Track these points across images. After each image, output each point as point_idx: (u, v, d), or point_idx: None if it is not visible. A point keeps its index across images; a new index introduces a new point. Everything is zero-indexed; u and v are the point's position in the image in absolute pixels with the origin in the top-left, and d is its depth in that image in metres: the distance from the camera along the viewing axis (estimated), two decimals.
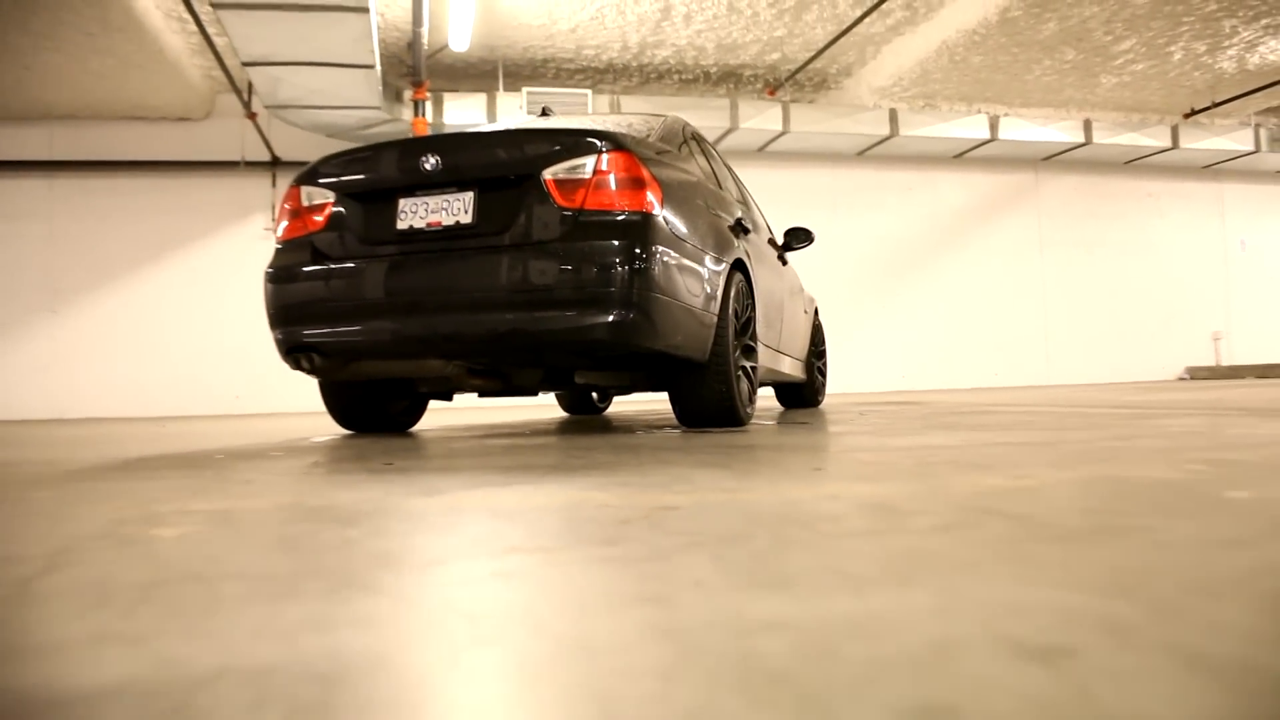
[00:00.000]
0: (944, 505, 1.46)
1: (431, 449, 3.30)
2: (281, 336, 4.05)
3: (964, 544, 1.14)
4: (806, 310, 6.83)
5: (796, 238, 6.17)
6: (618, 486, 1.83)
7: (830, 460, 2.43)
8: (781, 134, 11.93)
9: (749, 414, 4.33)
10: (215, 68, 10.41)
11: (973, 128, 12.40)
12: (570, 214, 3.57)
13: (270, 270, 4.10)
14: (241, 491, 1.99)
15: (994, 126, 12.46)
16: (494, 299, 3.57)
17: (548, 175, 3.62)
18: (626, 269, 3.49)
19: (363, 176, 3.94)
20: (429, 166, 3.76)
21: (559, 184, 3.61)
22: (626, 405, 9.03)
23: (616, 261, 3.49)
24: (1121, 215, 14.32)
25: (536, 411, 8.09)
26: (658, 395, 5.85)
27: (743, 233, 4.67)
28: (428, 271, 3.73)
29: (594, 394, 7.45)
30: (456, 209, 3.74)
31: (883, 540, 1.18)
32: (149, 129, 11.85)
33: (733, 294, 4.20)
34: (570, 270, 3.51)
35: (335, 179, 3.98)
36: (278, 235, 4.19)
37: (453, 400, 4.97)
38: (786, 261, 6.10)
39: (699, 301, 3.87)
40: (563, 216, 3.57)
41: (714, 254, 4.10)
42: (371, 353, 3.87)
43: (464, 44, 9.96)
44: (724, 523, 1.34)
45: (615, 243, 3.51)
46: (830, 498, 1.60)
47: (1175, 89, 11.82)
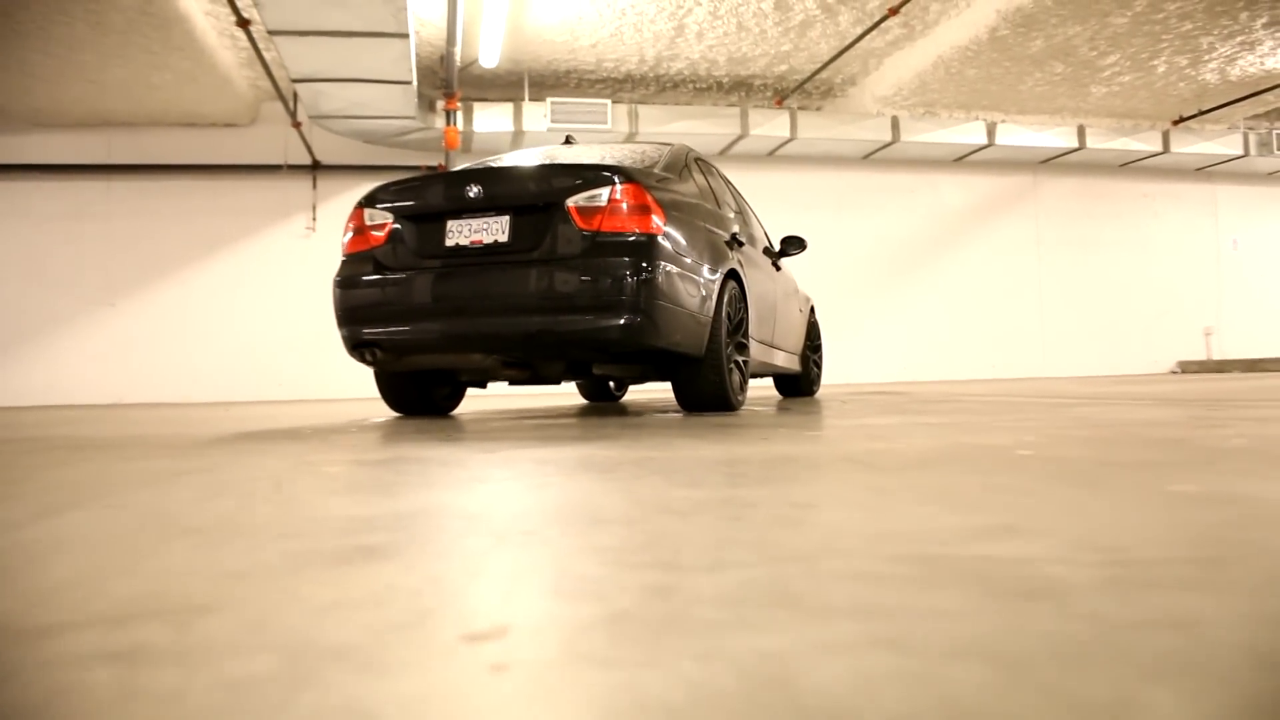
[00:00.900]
0: (824, 457, 2.26)
1: (476, 427, 4.12)
2: (347, 334, 4.86)
3: (817, 473, 1.94)
4: (801, 309, 7.59)
5: (791, 245, 6.92)
6: (619, 447, 2.65)
7: (779, 432, 3.22)
8: (789, 140, 12.70)
9: (740, 401, 5.12)
10: (262, 78, 11.27)
11: (971, 134, 13.13)
12: (589, 235, 4.38)
13: (338, 278, 4.91)
14: (355, 449, 2.81)
15: (991, 133, 13.18)
16: (526, 304, 4.38)
17: (571, 203, 4.42)
18: (635, 280, 4.29)
19: (417, 202, 4.76)
20: (473, 194, 4.57)
21: (580, 210, 4.41)
22: (639, 394, 9.85)
23: (627, 274, 4.29)
24: (1117, 215, 14.99)
25: (559, 399, 8.91)
26: (665, 385, 6.66)
27: (737, 245, 5.46)
28: (471, 281, 4.53)
29: (611, 383, 8.27)
30: (495, 230, 4.54)
31: (769, 470, 1.99)
32: (199, 135, 12.73)
33: (725, 299, 4.98)
34: (589, 281, 4.32)
35: (393, 203, 4.80)
36: (344, 248, 5.00)
37: (486, 387, 5.79)
38: (780, 267, 6.85)
39: (696, 306, 4.66)
40: (583, 237, 4.38)
41: (709, 265, 4.89)
42: (423, 348, 4.69)
43: (493, 60, 10.78)
44: (679, 464, 2.15)
45: (626, 259, 4.31)
46: (759, 452, 2.40)
47: (1163, 98, 12.49)
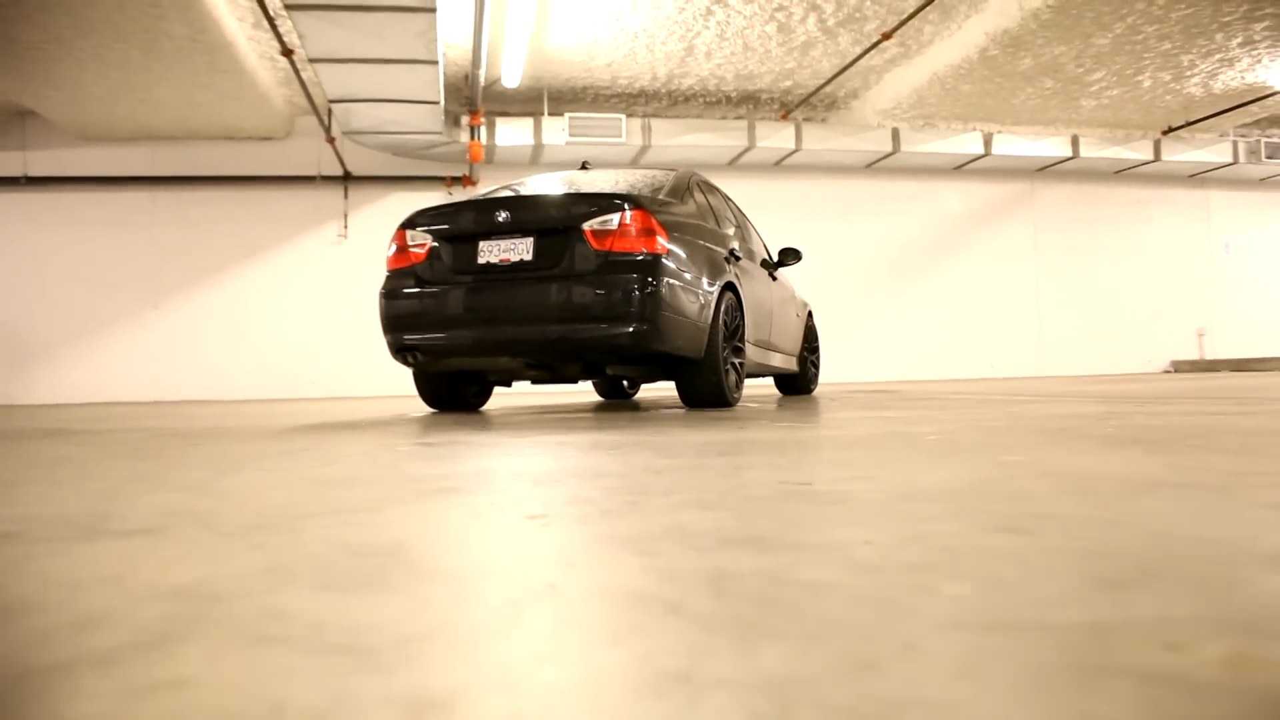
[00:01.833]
0: (777, 440, 2.96)
1: (505, 419, 4.85)
2: (392, 339, 5.58)
3: (763, 450, 2.64)
4: (798, 315, 8.27)
5: (788, 256, 7.59)
6: (623, 434, 3.36)
7: (756, 424, 3.92)
8: (794, 151, 13.39)
9: (736, 398, 5.81)
10: (298, 95, 12.05)
11: (968, 144, 13.77)
12: (602, 254, 5.09)
13: (383, 291, 5.63)
14: (412, 435, 3.53)
15: (988, 143, 13.82)
16: (548, 314, 5.10)
17: (586, 226, 5.13)
18: (642, 293, 4.99)
19: (453, 225, 5.48)
20: (501, 219, 5.28)
21: (594, 233, 5.12)
22: (651, 391, 10.56)
23: (635, 288, 4.99)
24: (1112, 220, 15.59)
25: (577, 397, 9.63)
26: (672, 383, 7.37)
27: (734, 260, 6.15)
28: (500, 294, 5.25)
29: (624, 382, 8.99)
30: (521, 250, 5.26)
31: (730, 449, 2.69)
32: (237, 147, 13.52)
33: (722, 308, 5.67)
34: (602, 294, 5.02)
35: (432, 226, 5.53)
36: (387, 264, 5.72)
37: (511, 386, 6.52)
38: (777, 277, 7.53)
39: (695, 314, 5.36)
40: (597, 256, 5.09)
41: (708, 279, 5.59)
42: (458, 352, 5.40)
43: (515, 80, 11.53)
44: (666, 445, 2.85)
45: (634, 275, 5.01)
46: (730, 438, 3.10)
47: (1151, 109, 13.09)
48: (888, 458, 2.38)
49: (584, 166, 6.78)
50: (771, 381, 8.67)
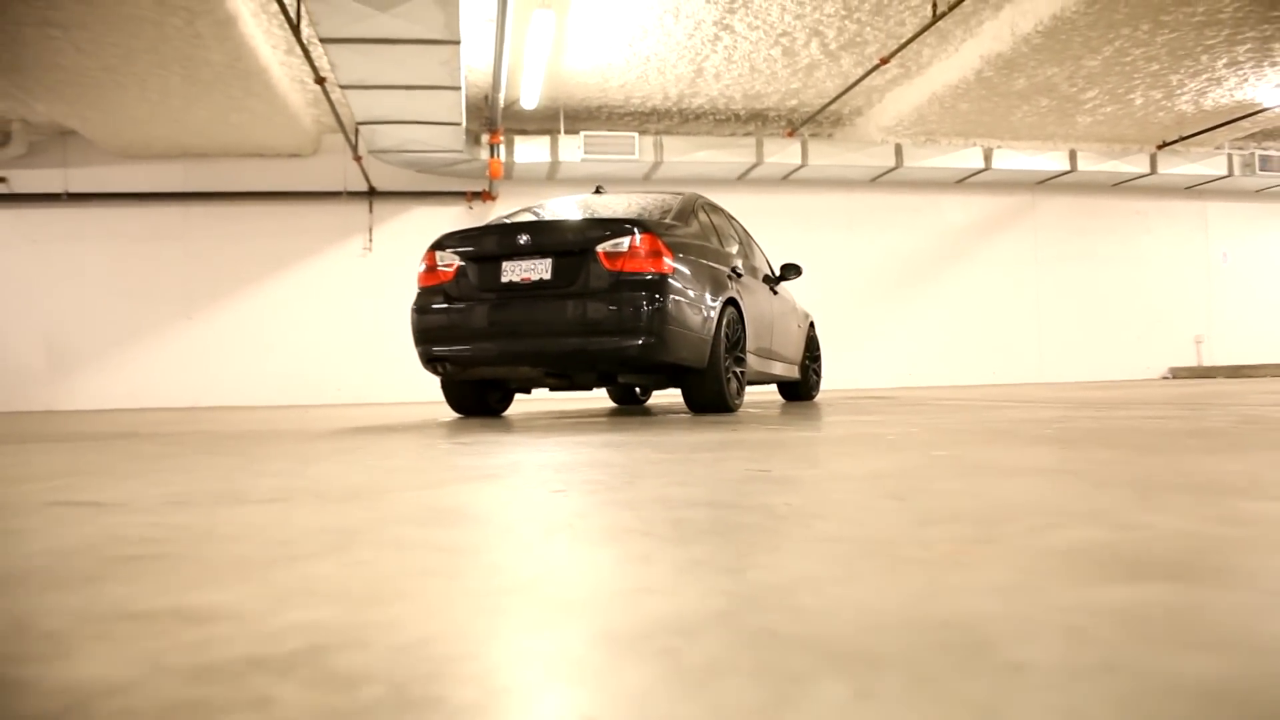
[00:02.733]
0: (760, 440, 3.50)
1: (526, 423, 5.40)
2: (422, 350, 6.13)
3: (745, 447, 3.17)
4: (800, 326, 8.79)
5: (789, 271, 8.11)
6: (630, 435, 3.90)
7: (748, 427, 4.45)
8: (801, 166, 13.93)
9: (738, 404, 6.34)
10: (326, 114, 12.66)
11: (969, 159, 14.28)
12: (614, 274, 5.63)
13: (415, 306, 6.19)
14: (448, 436, 4.08)
15: (988, 157, 14.32)
16: (565, 328, 5.64)
17: (600, 249, 5.68)
18: (650, 309, 5.53)
19: (479, 247, 6.04)
20: (523, 242, 5.83)
21: (607, 254, 5.67)
22: (662, 398, 11.08)
23: (644, 305, 5.53)
24: (1112, 231, 16.05)
25: (592, 403, 10.17)
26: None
27: (736, 277, 6.69)
28: (521, 310, 5.80)
29: (637, 389, 9.53)
30: (540, 269, 5.81)
31: (718, 446, 3.22)
32: (267, 164, 14.16)
33: (724, 322, 6.20)
34: (614, 310, 5.57)
35: (459, 247, 6.08)
36: (419, 281, 6.28)
37: (531, 393, 7.07)
38: (778, 291, 8.05)
39: (699, 328, 5.89)
40: (609, 275, 5.63)
41: (711, 295, 6.12)
42: (483, 362, 5.96)
43: (533, 102, 12.13)
44: (665, 444, 3.39)
45: (643, 293, 5.55)
46: (722, 438, 3.64)
47: (1146, 125, 13.57)
48: (841, 452, 2.92)
49: (598, 190, 7.33)
50: (776, 388, 9.20)
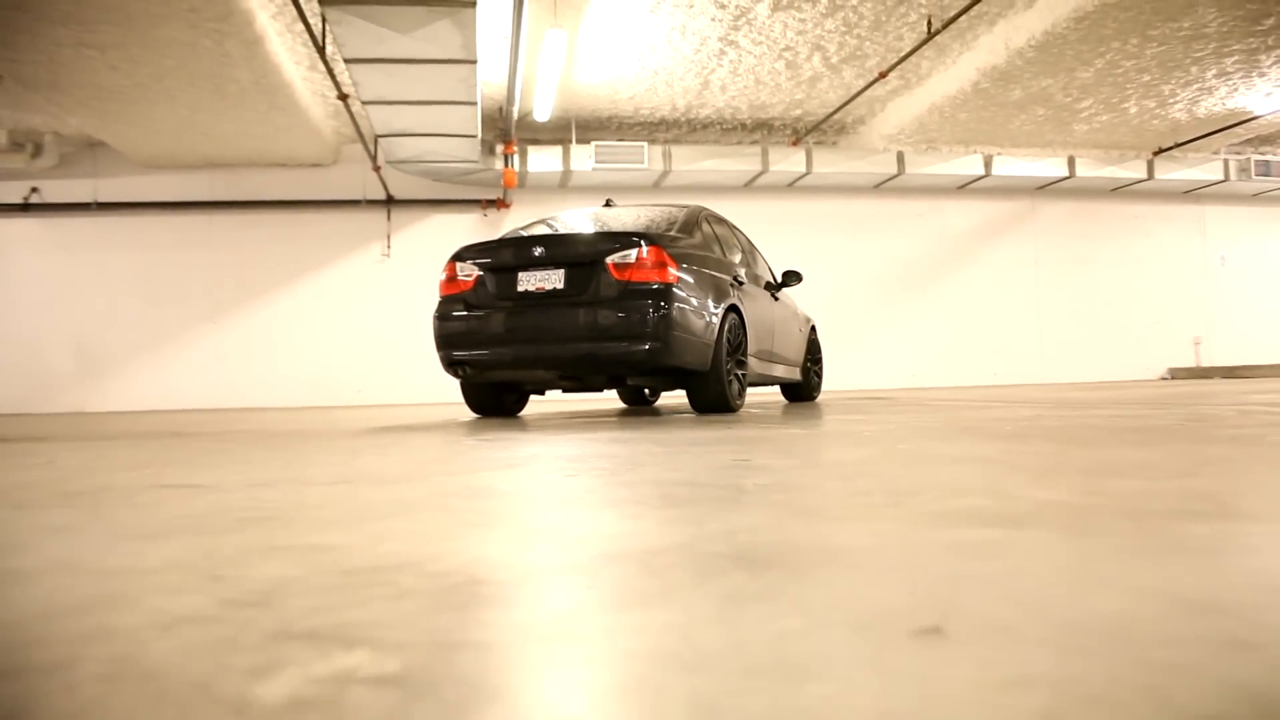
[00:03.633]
0: (750, 436, 3.92)
1: (541, 423, 5.84)
2: (444, 355, 6.58)
3: (734, 442, 3.60)
4: (801, 330, 9.20)
5: (790, 278, 8.52)
6: (635, 432, 4.33)
7: (744, 425, 4.87)
8: (806, 174, 14.35)
9: (739, 404, 6.76)
10: (346, 126, 13.15)
11: (970, 166, 14.67)
12: (622, 283, 6.06)
13: (437, 314, 6.63)
14: (471, 434, 4.52)
15: (988, 164, 14.71)
16: (576, 334, 6.08)
17: (609, 260, 6.11)
18: (656, 316, 5.96)
19: (496, 259, 6.48)
20: (537, 254, 6.27)
21: (616, 266, 6.10)
22: (671, 399, 11.51)
23: (650, 312, 5.96)
24: (1111, 235, 16.41)
25: (603, 404, 10.61)
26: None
27: (738, 285, 7.11)
28: (536, 317, 6.24)
29: (646, 390, 9.97)
30: (554, 279, 6.25)
31: (711, 441, 3.65)
32: (288, 174, 14.65)
33: (726, 327, 6.62)
34: (622, 318, 6.00)
35: (478, 259, 6.53)
36: (440, 290, 6.72)
37: (545, 394, 7.51)
38: (779, 297, 8.46)
39: (702, 333, 6.31)
40: (618, 285, 6.06)
41: (713, 302, 6.54)
42: (500, 366, 6.40)
43: (546, 115, 12.59)
44: (665, 439, 3.82)
45: (649, 301, 5.98)
46: (717, 434, 4.06)
47: (1141, 132, 13.93)
48: (817, 446, 3.34)
49: (608, 203, 7.76)
50: (779, 389, 9.62)
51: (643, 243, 6.10)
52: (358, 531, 1.56)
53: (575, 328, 6.09)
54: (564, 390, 7.08)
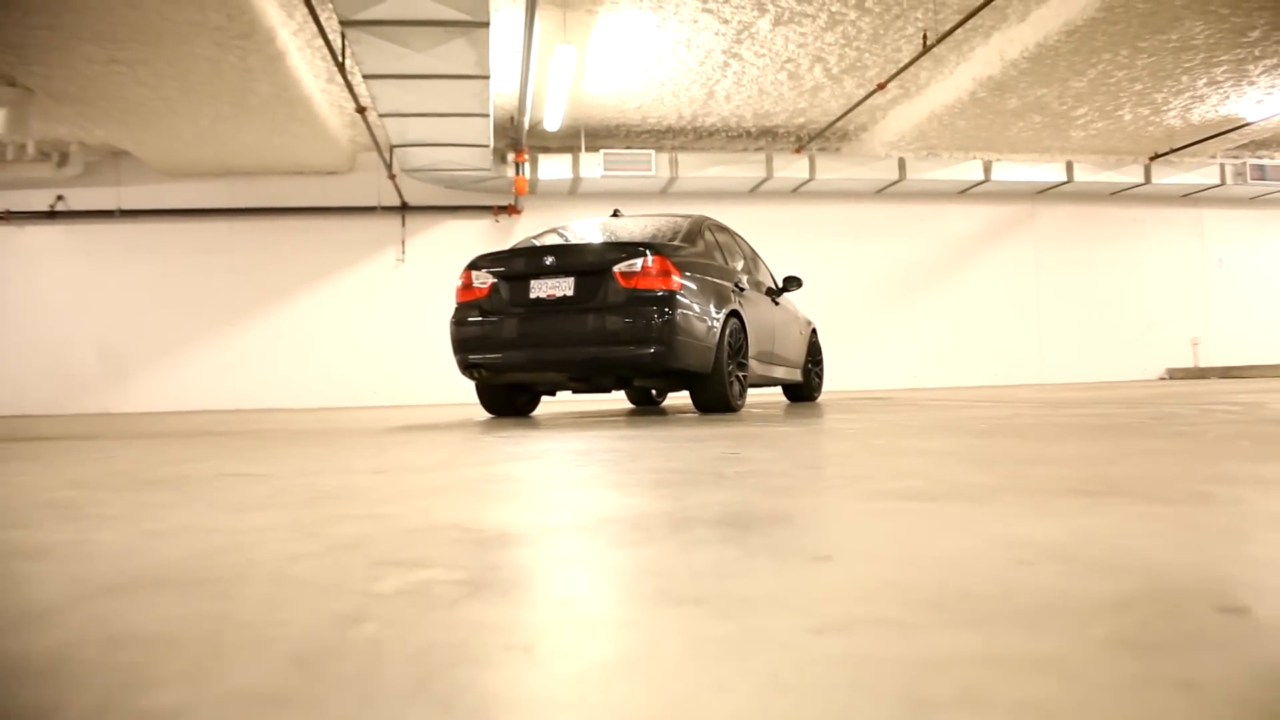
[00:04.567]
0: (741, 433, 4.30)
1: (552, 422, 6.22)
2: (460, 358, 6.97)
3: (726, 439, 3.97)
4: (802, 332, 9.56)
5: (791, 283, 8.89)
6: (640, 430, 4.71)
7: (740, 424, 5.24)
8: (809, 180, 14.74)
9: (740, 405, 7.13)
10: (362, 135, 13.57)
11: (970, 171, 15.03)
12: (629, 291, 6.44)
13: (454, 320, 7.02)
14: (488, 432, 4.91)
15: (988, 170, 15.07)
16: (585, 339, 6.47)
17: (616, 269, 6.50)
18: (660, 322, 6.34)
19: (510, 267, 6.87)
20: (548, 262, 6.66)
21: (623, 274, 6.49)
22: (676, 400, 11.90)
23: (655, 318, 6.34)
24: (1110, 238, 16.74)
25: (611, 405, 10.99)
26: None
27: (740, 291, 7.49)
28: (547, 323, 6.63)
29: (653, 391, 10.36)
30: (564, 287, 6.63)
31: (706, 438, 4.02)
32: (305, 181, 15.09)
33: (727, 331, 6.99)
34: (629, 323, 6.38)
35: (492, 267, 6.92)
36: (456, 296, 7.11)
37: (555, 395, 7.90)
38: (780, 302, 8.83)
39: (704, 337, 6.69)
40: (625, 292, 6.44)
41: (715, 307, 6.92)
42: (513, 368, 6.79)
43: (556, 125, 12.99)
44: (668, 436, 4.19)
45: (654, 307, 6.36)
46: (713, 431, 4.43)
47: (1138, 138, 14.26)
48: (803, 442, 3.72)
49: (616, 213, 8.15)
50: (781, 390, 9.99)
51: (648, 252, 6.48)
52: (408, 505, 1.95)
53: (584, 332, 6.47)
54: (574, 391, 7.47)
